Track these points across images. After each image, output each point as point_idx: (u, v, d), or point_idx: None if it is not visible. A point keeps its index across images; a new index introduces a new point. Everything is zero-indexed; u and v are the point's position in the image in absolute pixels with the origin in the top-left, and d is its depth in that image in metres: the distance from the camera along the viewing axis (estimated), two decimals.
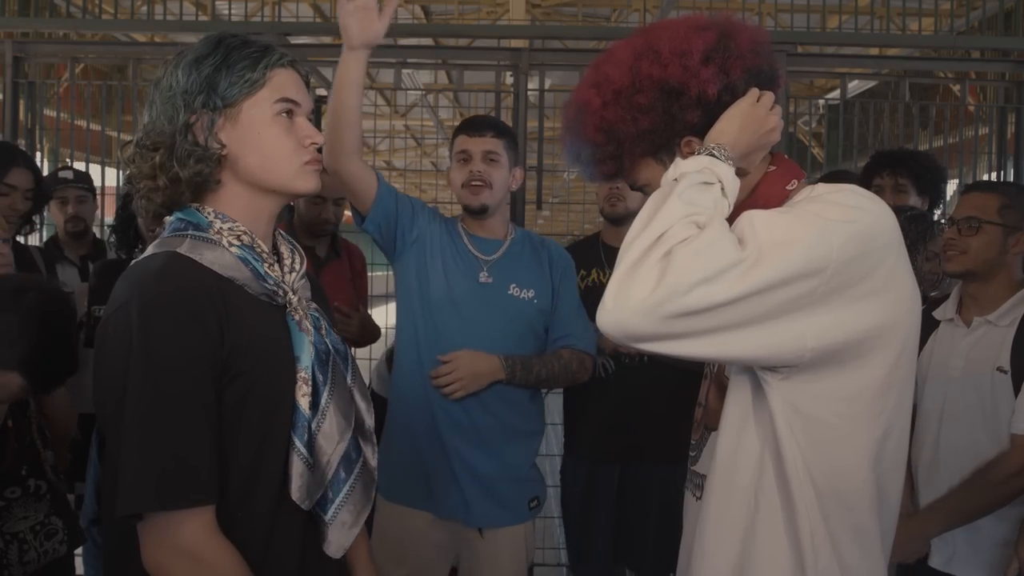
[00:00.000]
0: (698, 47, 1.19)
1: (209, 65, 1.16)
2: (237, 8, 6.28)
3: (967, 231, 2.00)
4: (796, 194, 1.20)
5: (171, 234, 1.18)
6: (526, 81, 3.57)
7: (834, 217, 1.06)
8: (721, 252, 1.01)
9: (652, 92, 1.19)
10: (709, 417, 1.25)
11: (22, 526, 1.80)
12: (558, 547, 3.73)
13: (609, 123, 1.22)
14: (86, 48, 4.15)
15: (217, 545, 1.10)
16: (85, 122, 4.23)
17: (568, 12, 7.82)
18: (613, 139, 1.23)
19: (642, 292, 1.00)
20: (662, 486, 2.55)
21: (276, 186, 1.21)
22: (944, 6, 4.13)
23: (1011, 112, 3.96)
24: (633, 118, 1.20)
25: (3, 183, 2.52)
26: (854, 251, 1.04)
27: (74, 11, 5.17)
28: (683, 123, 1.20)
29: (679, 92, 1.18)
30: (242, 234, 1.18)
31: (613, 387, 2.58)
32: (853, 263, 1.04)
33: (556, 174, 9.35)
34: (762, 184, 1.23)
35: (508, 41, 4.67)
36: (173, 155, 1.15)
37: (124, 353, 1.08)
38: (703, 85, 1.17)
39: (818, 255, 1.02)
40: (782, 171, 1.24)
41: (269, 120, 1.18)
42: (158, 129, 1.16)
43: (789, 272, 1.01)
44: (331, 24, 6.46)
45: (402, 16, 6.50)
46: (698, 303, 0.99)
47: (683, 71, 1.18)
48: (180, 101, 1.15)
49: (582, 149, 1.28)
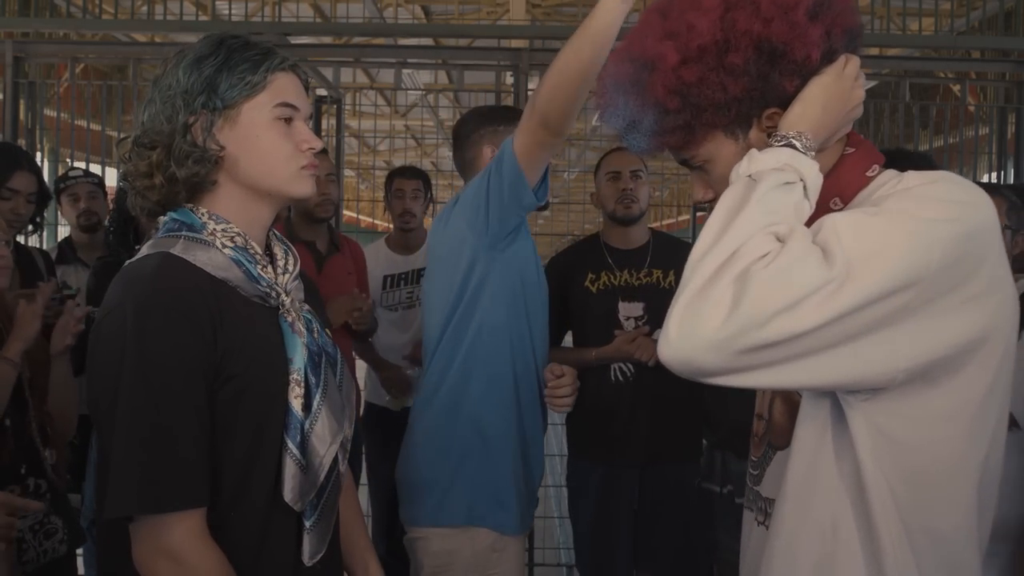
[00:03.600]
0: (802, 5, 1.01)
1: (210, 66, 1.15)
2: (237, 8, 6.28)
3: None
4: (877, 180, 1.05)
5: (165, 235, 1.18)
6: (526, 81, 3.57)
7: (933, 215, 0.91)
8: (805, 272, 0.86)
9: (748, 51, 1.01)
10: (775, 435, 1.12)
11: (21, 525, 1.79)
12: (558, 547, 3.72)
13: (688, 85, 1.03)
14: (86, 48, 4.16)
15: (202, 548, 1.10)
16: (85, 122, 4.24)
17: (568, 12, 7.83)
18: (690, 105, 1.04)
19: (713, 323, 0.87)
20: (678, 487, 2.54)
21: (272, 189, 1.20)
22: (944, 6, 4.13)
23: (1011, 112, 3.96)
24: (721, 82, 1.02)
25: (6, 187, 2.51)
26: (957, 254, 0.90)
27: (74, 11, 5.17)
28: (776, 92, 1.02)
29: (781, 54, 1.01)
30: (235, 235, 1.18)
31: (630, 388, 2.54)
32: (955, 267, 0.90)
33: (556, 174, 9.35)
34: (840, 168, 1.07)
35: (508, 41, 4.68)
36: (171, 154, 1.14)
37: (117, 354, 1.08)
38: (808, 48, 1.01)
39: (916, 264, 0.88)
40: (862, 153, 1.08)
41: (268, 123, 1.17)
42: (156, 128, 1.16)
43: (883, 288, 0.87)
44: (331, 24, 6.47)
45: (402, 16, 6.50)
46: (778, 334, 0.86)
47: (789, 28, 1.00)
48: (180, 101, 1.14)
49: (642, 114, 1.08)
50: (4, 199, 2.51)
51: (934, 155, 3.83)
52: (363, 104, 6.92)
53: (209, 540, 1.11)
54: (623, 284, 2.59)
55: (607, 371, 2.55)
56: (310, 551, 1.20)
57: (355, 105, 5.54)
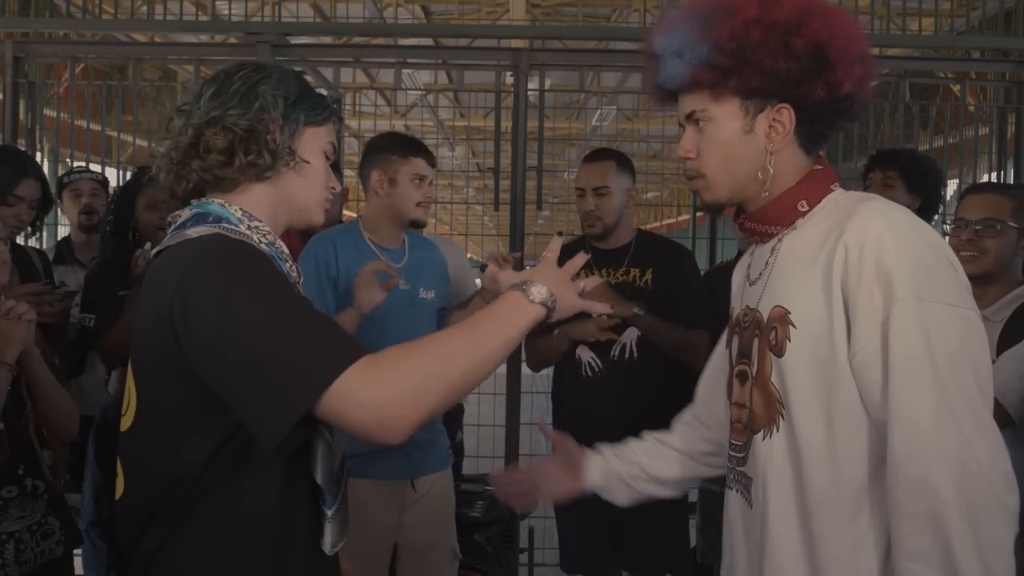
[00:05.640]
0: (860, 45, 1.20)
1: (296, 87, 1.27)
2: (237, 8, 6.28)
3: (986, 233, 2.00)
4: (838, 195, 1.24)
5: (200, 224, 1.19)
6: (526, 81, 3.57)
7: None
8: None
9: (808, 46, 1.17)
10: (756, 421, 1.25)
11: (18, 526, 1.80)
12: (558, 547, 3.72)
13: (749, 41, 1.17)
14: (86, 48, 4.15)
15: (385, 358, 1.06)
16: (85, 122, 4.24)
17: (568, 12, 7.83)
18: (740, 58, 1.18)
19: None
20: None
21: (301, 205, 1.29)
22: (944, 6, 4.12)
23: (1011, 112, 3.96)
24: (774, 54, 1.17)
25: (12, 195, 2.52)
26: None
27: (74, 11, 5.17)
28: (804, 92, 1.19)
29: (829, 67, 1.17)
30: (267, 233, 1.24)
31: (604, 384, 2.56)
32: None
33: (556, 174, 9.35)
34: (809, 178, 1.25)
35: (508, 41, 4.67)
36: (253, 139, 1.21)
37: (220, 292, 1.08)
38: (848, 77, 1.18)
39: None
40: (827, 172, 1.27)
41: (319, 151, 1.30)
42: (243, 112, 1.21)
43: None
44: (331, 24, 6.47)
45: (402, 16, 6.50)
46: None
47: (843, 52, 1.18)
48: (279, 101, 1.24)
49: (695, 44, 1.20)
50: (8, 205, 2.51)
51: (934, 155, 3.82)
52: (363, 104, 6.93)
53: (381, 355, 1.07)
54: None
55: (579, 368, 2.60)
56: (331, 540, 1.22)
57: (355, 105, 5.55)
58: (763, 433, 1.23)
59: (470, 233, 5.11)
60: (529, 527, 3.56)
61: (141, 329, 1.18)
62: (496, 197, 3.90)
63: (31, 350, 1.85)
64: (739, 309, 1.35)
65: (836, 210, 1.21)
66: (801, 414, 1.18)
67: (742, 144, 1.23)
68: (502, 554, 3.04)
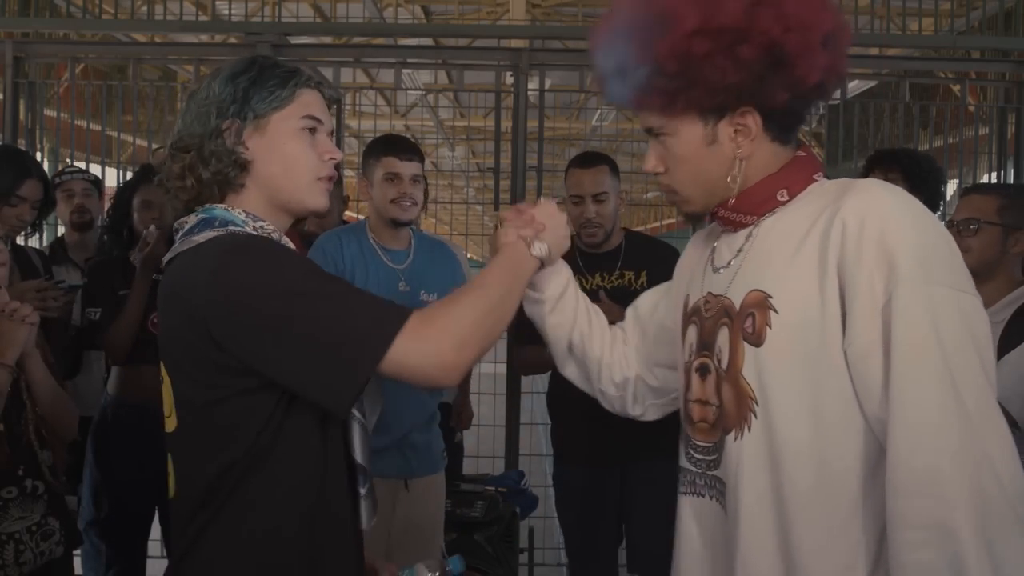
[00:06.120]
0: (822, 26, 1.05)
1: (244, 80, 1.23)
2: (237, 8, 6.28)
3: (966, 232, 2.02)
4: (823, 184, 1.14)
5: (207, 228, 1.20)
6: (526, 81, 3.57)
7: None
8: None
9: (760, 49, 1.03)
10: (727, 420, 1.13)
11: (18, 526, 1.80)
12: (558, 547, 3.72)
13: (693, 56, 1.04)
14: (86, 48, 4.15)
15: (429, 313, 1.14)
16: (85, 122, 4.24)
17: (568, 12, 7.82)
18: (686, 76, 1.05)
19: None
20: (659, 484, 2.54)
21: (291, 196, 1.26)
22: (944, 6, 4.12)
23: (1011, 112, 3.96)
24: (723, 67, 1.04)
25: (15, 195, 2.51)
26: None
27: (74, 11, 5.17)
28: (764, 95, 1.07)
29: (786, 64, 1.05)
30: (272, 232, 1.24)
31: None
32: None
33: (556, 174, 9.34)
34: (791, 166, 1.14)
35: (508, 41, 4.67)
36: (201, 156, 1.21)
37: (259, 284, 1.11)
38: (812, 69, 1.05)
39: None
40: (811, 160, 1.16)
41: (293, 132, 1.24)
42: (190, 133, 1.22)
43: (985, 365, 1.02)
44: (331, 24, 6.47)
45: (402, 16, 6.50)
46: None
47: (803, 45, 1.04)
48: (214, 109, 1.22)
49: (636, 66, 1.08)
50: (11, 206, 2.51)
51: (934, 155, 3.82)
52: (363, 104, 6.92)
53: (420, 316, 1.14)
54: (595, 288, 2.58)
55: None
56: (366, 516, 1.27)
57: (355, 105, 5.55)
58: (734, 434, 1.11)
59: (470, 233, 5.11)
60: (529, 527, 3.56)
61: (169, 334, 1.20)
62: (496, 197, 3.90)
63: (31, 352, 1.85)
64: (697, 296, 1.22)
65: (823, 193, 1.10)
66: (781, 410, 1.06)
67: (708, 156, 1.13)
68: (502, 554, 3.04)
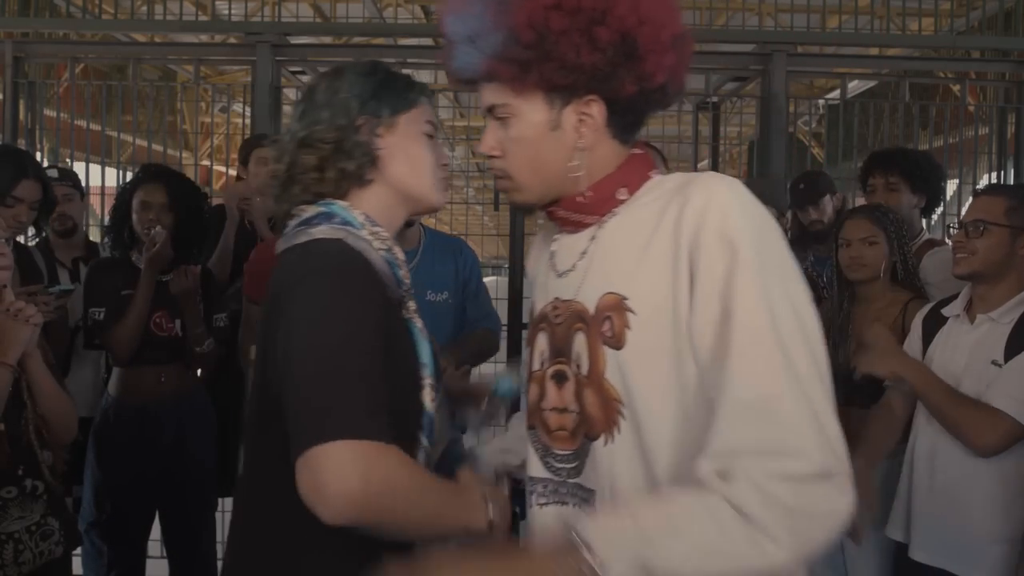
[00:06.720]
0: (673, 27, 1.07)
1: (374, 80, 1.28)
2: (237, 8, 6.28)
3: (974, 234, 2.03)
4: (660, 179, 1.13)
5: (326, 223, 1.22)
6: None
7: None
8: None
9: (614, 36, 1.04)
10: (591, 427, 1.11)
11: (18, 526, 1.80)
12: None
13: (549, 31, 1.03)
14: (86, 48, 4.16)
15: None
16: (85, 122, 4.24)
17: None
18: (539, 49, 1.04)
19: None
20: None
21: (417, 193, 1.30)
22: (944, 6, 4.12)
23: (1011, 112, 3.96)
24: (579, 45, 1.03)
25: (11, 196, 2.45)
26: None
27: (74, 11, 5.16)
28: (613, 86, 1.06)
29: (636, 57, 1.05)
30: (385, 239, 1.26)
31: None
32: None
33: None
34: (628, 164, 1.14)
35: None
36: (342, 149, 1.24)
37: (318, 312, 1.12)
38: (659, 67, 1.06)
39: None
40: (646, 157, 1.16)
41: (419, 134, 1.30)
42: (326, 128, 1.25)
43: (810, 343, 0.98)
44: (331, 24, 6.47)
45: (402, 16, 6.50)
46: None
47: (654, 40, 1.05)
48: (355, 103, 1.25)
49: (490, 32, 1.06)
50: (7, 207, 2.44)
51: (934, 155, 3.82)
52: None
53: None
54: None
55: None
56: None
57: None
58: (604, 439, 1.09)
59: (470, 233, 5.10)
60: None
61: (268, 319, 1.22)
62: (496, 197, 3.91)
63: (32, 352, 1.86)
64: (544, 303, 1.21)
65: (664, 188, 1.10)
66: (649, 409, 1.05)
67: (549, 141, 1.11)
68: None
